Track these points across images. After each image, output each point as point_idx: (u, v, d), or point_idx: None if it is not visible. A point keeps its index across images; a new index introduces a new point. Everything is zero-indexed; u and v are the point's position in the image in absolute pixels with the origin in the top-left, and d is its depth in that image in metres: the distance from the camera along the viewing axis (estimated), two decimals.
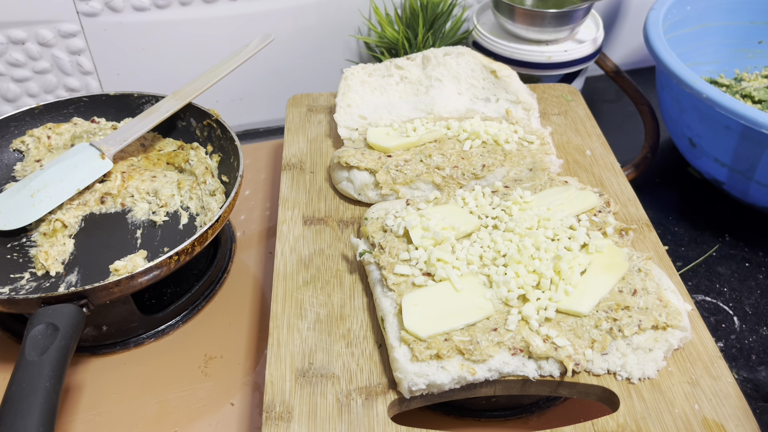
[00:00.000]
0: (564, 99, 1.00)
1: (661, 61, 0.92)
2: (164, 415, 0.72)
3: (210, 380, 0.75)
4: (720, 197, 1.02)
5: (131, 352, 0.78)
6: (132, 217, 0.84)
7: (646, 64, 1.35)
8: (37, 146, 0.91)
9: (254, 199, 1.01)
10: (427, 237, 0.70)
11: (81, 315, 0.66)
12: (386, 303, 0.66)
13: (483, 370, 0.60)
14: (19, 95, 1.06)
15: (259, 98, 1.17)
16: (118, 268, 0.72)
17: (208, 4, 1.04)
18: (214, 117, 0.90)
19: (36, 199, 0.81)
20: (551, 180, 0.79)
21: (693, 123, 0.93)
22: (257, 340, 0.79)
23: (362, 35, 1.15)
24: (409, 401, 0.62)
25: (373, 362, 0.64)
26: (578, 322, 0.63)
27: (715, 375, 0.62)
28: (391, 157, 0.82)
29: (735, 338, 0.81)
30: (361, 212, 0.81)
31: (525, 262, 0.67)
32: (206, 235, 0.74)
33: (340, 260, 0.75)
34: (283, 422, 0.59)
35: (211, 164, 0.89)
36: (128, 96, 0.95)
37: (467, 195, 0.76)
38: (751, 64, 1.15)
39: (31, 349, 0.61)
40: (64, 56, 1.03)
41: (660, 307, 0.63)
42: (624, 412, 0.60)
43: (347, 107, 0.91)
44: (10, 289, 0.74)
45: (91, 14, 1.00)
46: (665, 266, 0.73)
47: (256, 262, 0.90)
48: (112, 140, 0.87)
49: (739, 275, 0.90)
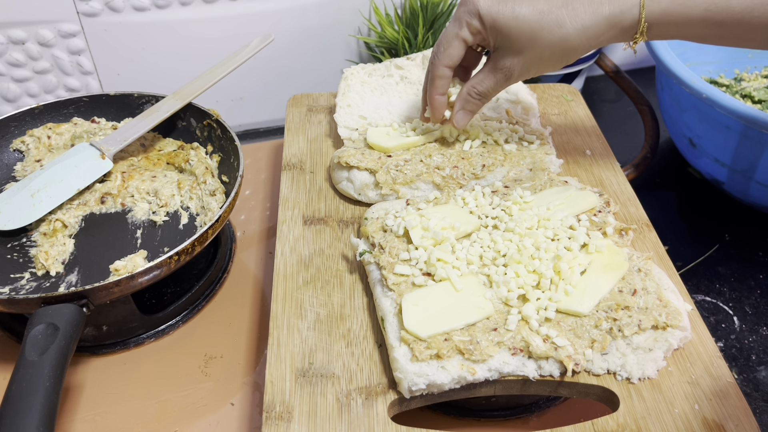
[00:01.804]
0: (564, 99, 1.00)
1: (661, 61, 0.92)
2: (164, 415, 0.72)
3: (210, 380, 0.75)
4: (720, 197, 1.02)
5: (131, 352, 0.78)
6: (132, 217, 0.84)
7: (646, 64, 1.35)
8: (37, 146, 0.91)
9: (254, 199, 1.01)
10: (427, 237, 0.70)
11: (81, 315, 0.66)
12: (386, 303, 0.66)
13: (483, 370, 0.60)
14: (19, 95, 1.06)
15: (259, 98, 1.17)
16: (118, 268, 0.72)
17: (208, 4, 1.04)
18: (214, 117, 0.90)
19: (36, 199, 0.81)
20: (551, 180, 0.79)
21: (693, 123, 0.93)
22: (257, 340, 0.79)
23: (362, 35, 1.15)
24: (409, 401, 0.62)
25: (373, 362, 0.64)
26: (578, 322, 0.63)
27: (715, 375, 0.62)
28: (391, 157, 0.82)
29: (735, 338, 0.81)
30: (361, 212, 0.81)
31: (525, 262, 0.67)
32: (206, 235, 0.74)
33: (340, 260, 0.75)
34: (283, 422, 0.59)
35: (211, 164, 0.89)
36: (128, 96, 0.95)
37: (467, 195, 0.76)
38: (751, 64, 1.15)
39: (31, 349, 0.61)
40: (64, 56, 1.03)
41: (660, 307, 0.63)
42: (624, 412, 0.60)
43: (347, 107, 0.91)
44: (10, 289, 0.74)
45: (91, 14, 1.00)
46: (665, 266, 0.73)
47: (256, 262, 0.90)
48: (112, 140, 0.87)
49: (739, 275, 0.90)
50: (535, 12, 0.69)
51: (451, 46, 0.74)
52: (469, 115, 0.78)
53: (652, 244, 0.76)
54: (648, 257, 0.69)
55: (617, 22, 0.67)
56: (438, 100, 0.78)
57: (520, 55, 0.71)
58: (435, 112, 0.79)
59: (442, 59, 0.74)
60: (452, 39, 0.73)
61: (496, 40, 0.72)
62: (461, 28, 0.72)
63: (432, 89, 0.77)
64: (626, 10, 0.67)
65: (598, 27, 0.68)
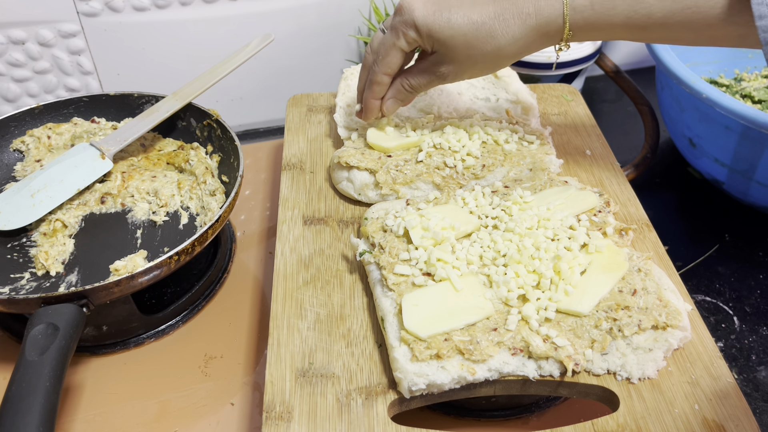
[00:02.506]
0: (564, 99, 1.00)
1: (661, 61, 0.92)
2: (164, 415, 0.72)
3: (210, 380, 0.75)
4: (720, 197, 1.02)
5: (131, 352, 0.78)
6: (132, 217, 0.84)
7: (646, 64, 1.35)
8: (37, 146, 0.91)
9: (254, 199, 1.01)
10: (427, 237, 0.70)
11: (81, 315, 0.66)
12: (386, 303, 0.66)
13: (483, 370, 0.60)
14: (19, 95, 1.06)
15: (259, 98, 1.17)
16: (118, 268, 0.72)
17: (208, 4, 1.04)
18: (214, 117, 0.90)
19: (36, 199, 0.81)
20: (551, 180, 0.79)
21: (693, 123, 0.93)
22: (257, 340, 0.79)
23: (362, 35, 1.15)
24: (409, 401, 0.62)
25: (373, 362, 0.64)
26: (578, 322, 0.63)
27: (715, 375, 0.62)
28: (391, 157, 0.82)
29: (735, 338, 0.81)
30: (361, 212, 0.81)
31: (525, 262, 0.67)
32: (206, 235, 0.74)
33: (340, 260, 0.75)
34: (283, 422, 0.59)
35: (211, 164, 0.89)
36: (128, 96, 0.95)
37: (467, 195, 0.76)
38: (751, 64, 1.15)
39: (31, 349, 0.61)
40: (64, 56, 1.03)
41: (660, 307, 0.63)
42: (624, 412, 0.60)
43: (347, 107, 0.91)
44: (10, 289, 0.74)
45: (91, 14, 1.00)
46: (665, 266, 0.73)
47: (256, 262, 0.90)
48: (112, 140, 0.87)
49: (739, 275, 0.90)
50: (469, 23, 0.71)
51: (389, 55, 0.76)
52: (398, 104, 0.81)
53: (652, 244, 0.76)
54: (648, 257, 0.69)
55: (545, 32, 0.71)
56: (373, 103, 0.81)
57: (455, 62, 0.74)
58: (369, 113, 0.82)
59: (382, 67, 0.77)
60: (390, 48, 0.76)
61: (433, 47, 0.74)
62: (398, 38, 0.74)
63: (369, 93, 0.80)
64: (551, 21, 0.70)
65: (528, 37, 0.71)
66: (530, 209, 0.73)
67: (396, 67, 0.77)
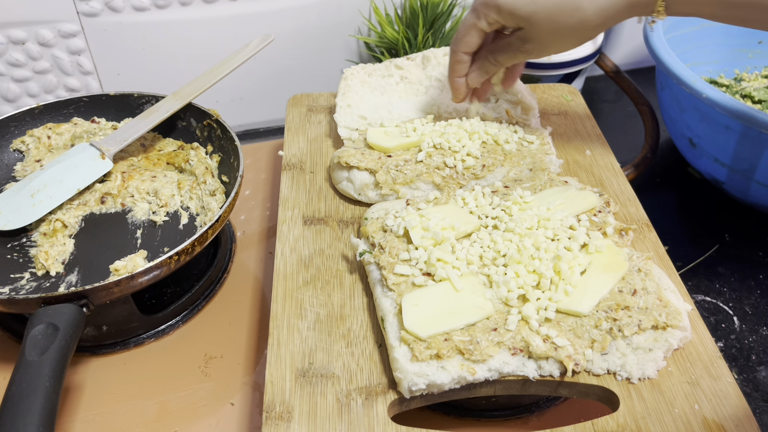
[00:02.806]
0: (564, 99, 1.00)
1: (661, 61, 0.92)
2: (164, 415, 0.72)
3: (210, 380, 0.75)
4: (720, 197, 1.02)
5: (131, 352, 0.78)
6: (132, 217, 0.84)
7: (646, 64, 1.35)
8: (37, 146, 0.91)
9: (254, 199, 1.01)
10: (427, 237, 0.70)
11: (81, 315, 0.66)
12: (386, 303, 0.66)
13: (483, 370, 0.60)
14: (19, 95, 1.06)
15: (259, 98, 1.17)
16: (118, 268, 0.72)
17: (208, 4, 1.04)
18: (214, 117, 0.90)
19: (36, 199, 0.81)
20: (551, 180, 0.79)
21: (693, 123, 0.93)
22: (257, 340, 0.79)
23: (362, 35, 1.15)
24: (409, 401, 0.62)
25: (373, 362, 0.64)
26: (578, 322, 0.63)
27: (715, 375, 0.62)
28: (391, 157, 0.82)
29: (735, 338, 0.81)
30: (361, 212, 0.81)
31: (525, 262, 0.67)
32: (206, 235, 0.74)
33: (340, 260, 0.75)
34: (283, 422, 0.59)
35: (211, 164, 0.89)
36: (128, 96, 0.95)
37: (467, 195, 0.76)
38: (751, 64, 1.15)
39: (31, 349, 0.61)
40: (64, 56, 1.03)
41: (660, 307, 0.63)
42: (624, 412, 0.60)
43: (347, 107, 0.91)
44: (10, 289, 0.74)
45: (91, 14, 1.00)
46: (665, 266, 0.73)
47: (256, 262, 0.90)
48: (112, 140, 0.87)
49: (739, 275, 0.90)
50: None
51: (468, 35, 0.77)
52: (483, 75, 0.82)
53: (652, 244, 0.76)
54: (648, 257, 0.69)
55: (636, 3, 0.69)
56: (457, 82, 0.82)
57: (540, 37, 0.74)
58: (455, 93, 0.84)
59: (460, 46, 0.79)
60: (470, 28, 0.77)
61: (518, 24, 0.75)
62: (479, 19, 0.76)
63: (452, 73, 0.82)
64: None
65: (616, 7, 0.70)
66: (530, 209, 0.73)
67: (474, 47, 0.78)
